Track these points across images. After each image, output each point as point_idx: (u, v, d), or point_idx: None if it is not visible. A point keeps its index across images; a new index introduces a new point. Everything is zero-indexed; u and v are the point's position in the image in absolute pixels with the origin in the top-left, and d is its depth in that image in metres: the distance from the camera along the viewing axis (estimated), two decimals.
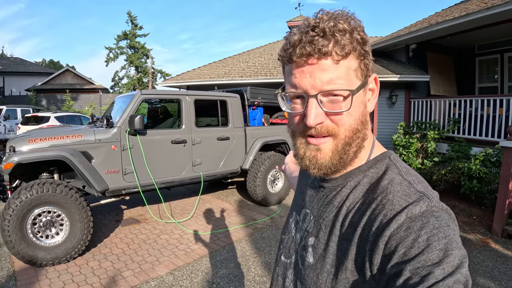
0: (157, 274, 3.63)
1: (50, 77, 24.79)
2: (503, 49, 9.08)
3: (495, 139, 6.82)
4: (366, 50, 0.66)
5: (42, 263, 3.65)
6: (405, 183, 0.66)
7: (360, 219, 0.66)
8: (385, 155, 0.74)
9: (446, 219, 0.59)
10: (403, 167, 0.70)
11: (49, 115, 13.11)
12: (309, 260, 0.74)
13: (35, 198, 3.60)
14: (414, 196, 0.62)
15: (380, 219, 0.62)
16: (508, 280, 3.62)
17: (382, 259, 0.60)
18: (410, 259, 0.55)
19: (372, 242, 0.61)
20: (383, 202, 0.64)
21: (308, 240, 0.77)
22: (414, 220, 0.58)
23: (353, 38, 0.64)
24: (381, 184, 0.68)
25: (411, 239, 0.57)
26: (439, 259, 0.54)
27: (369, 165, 0.73)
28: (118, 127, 4.55)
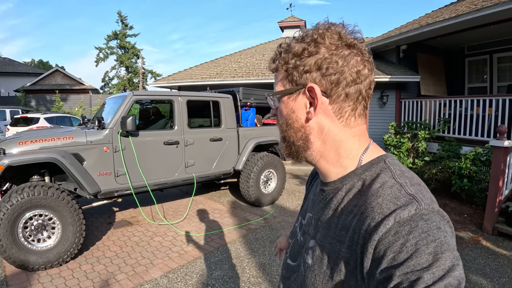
0: (151, 277, 3.60)
1: (39, 78, 24.50)
2: (492, 50, 9.21)
3: (485, 138, 6.92)
4: (292, 66, 0.75)
5: (34, 267, 3.60)
6: (396, 186, 0.66)
7: (351, 222, 0.67)
8: (380, 159, 0.74)
9: (436, 221, 0.59)
10: (397, 169, 0.71)
11: (39, 116, 12.95)
12: (309, 262, 0.76)
13: (26, 201, 3.55)
14: (403, 199, 0.62)
15: (369, 222, 0.62)
16: (499, 277, 3.67)
17: (371, 263, 0.60)
18: (399, 264, 0.55)
19: (362, 245, 0.62)
20: (372, 205, 0.64)
21: (309, 243, 0.79)
22: (403, 224, 0.58)
23: (281, 57, 0.78)
24: (372, 187, 0.68)
25: (400, 244, 0.57)
26: (428, 263, 0.54)
27: (364, 168, 0.73)
28: (110, 128, 4.50)
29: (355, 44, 0.72)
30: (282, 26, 17.25)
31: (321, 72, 0.71)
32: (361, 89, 0.72)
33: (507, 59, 9.01)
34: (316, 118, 0.74)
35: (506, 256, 4.17)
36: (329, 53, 0.70)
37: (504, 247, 4.44)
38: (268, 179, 6.37)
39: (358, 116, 0.75)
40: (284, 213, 5.85)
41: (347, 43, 0.72)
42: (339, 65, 0.70)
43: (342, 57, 0.70)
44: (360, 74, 0.71)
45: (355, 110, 0.74)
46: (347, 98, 0.72)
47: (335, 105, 0.73)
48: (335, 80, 0.70)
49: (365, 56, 0.73)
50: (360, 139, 0.76)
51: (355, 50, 0.72)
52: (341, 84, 0.71)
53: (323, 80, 0.71)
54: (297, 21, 16.90)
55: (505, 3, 6.09)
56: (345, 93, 0.71)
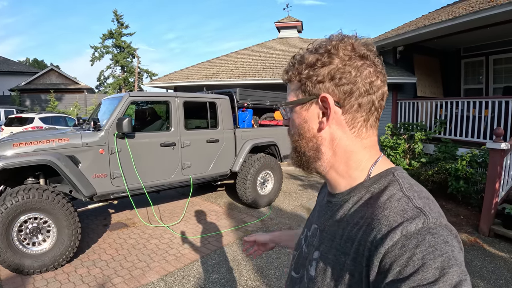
0: (148, 281, 3.57)
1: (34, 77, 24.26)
2: (488, 51, 9.25)
3: (481, 140, 6.95)
4: (305, 76, 0.75)
5: (29, 271, 3.56)
6: (404, 199, 0.65)
7: (357, 234, 0.66)
8: (389, 171, 0.74)
9: (444, 236, 0.58)
10: (406, 183, 0.70)
11: (33, 116, 12.86)
12: (312, 273, 0.76)
13: (21, 204, 3.51)
14: (410, 212, 0.61)
15: (375, 234, 0.62)
16: (496, 279, 3.69)
17: (376, 276, 0.59)
18: (404, 278, 0.55)
19: (367, 258, 0.62)
20: (379, 218, 0.63)
21: (313, 254, 0.79)
22: (410, 238, 0.58)
23: (295, 68, 0.78)
24: (380, 200, 0.67)
25: (406, 258, 0.56)
26: (435, 278, 0.53)
27: (373, 180, 0.73)
28: (106, 130, 4.46)
29: (368, 55, 0.73)
30: (278, 27, 17.26)
31: (334, 82, 0.71)
32: (373, 100, 0.73)
33: (503, 60, 9.05)
34: (329, 128, 0.75)
35: (502, 258, 4.19)
36: (342, 64, 0.71)
37: (500, 249, 4.46)
38: (265, 180, 6.36)
39: (370, 127, 0.76)
40: (281, 215, 5.84)
41: (360, 54, 0.72)
42: (352, 76, 0.70)
43: (355, 68, 0.71)
44: (373, 85, 0.72)
45: (367, 121, 0.74)
46: (359, 108, 0.73)
47: (348, 115, 0.73)
48: (348, 90, 0.71)
49: (378, 67, 0.73)
50: (371, 151, 0.77)
51: (368, 61, 0.73)
52: (354, 94, 0.71)
53: (336, 90, 0.72)
54: (294, 22, 16.92)
55: (502, 5, 6.11)
56: (358, 103, 0.72)
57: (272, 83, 10.72)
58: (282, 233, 1.35)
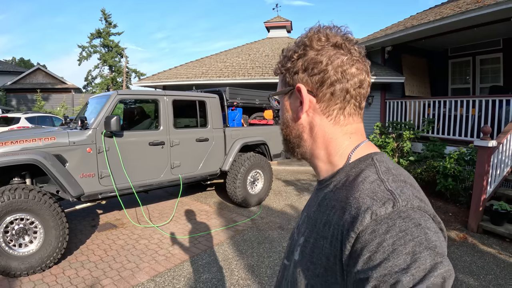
0: (138, 281, 3.52)
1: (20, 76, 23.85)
2: (475, 52, 9.39)
3: (468, 138, 7.05)
4: (285, 68, 0.80)
5: (16, 273, 3.47)
6: (377, 181, 0.64)
7: (333, 217, 0.67)
8: (369, 156, 0.74)
9: (416, 219, 0.56)
10: (383, 166, 0.69)
11: (19, 116, 12.67)
12: (296, 257, 0.77)
13: (7, 205, 3.42)
14: (381, 194, 0.61)
15: (346, 217, 0.62)
16: (486, 274, 3.73)
17: (349, 261, 0.59)
18: (375, 265, 0.53)
19: (341, 241, 0.61)
20: (350, 200, 0.64)
21: (300, 240, 0.79)
22: (380, 223, 0.56)
23: (280, 61, 0.83)
24: (354, 183, 0.67)
25: (376, 243, 0.55)
26: (406, 264, 0.51)
27: (352, 165, 0.74)
28: (94, 128, 4.39)
29: (342, 44, 0.74)
30: (268, 26, 17.26)
31: (307, 73, 0.74)
32: (347, 88, 0.73)
33: (489, 61, 9.20)
34: (307, 116, 0.78)
35: (491, 254, 4.24)
36: (315, 54, 0.74)
37: (489, 245, 4.52)
38: (255, 179, 6.34)
39: (348, 115, 0.76)
40: (271, 214, 5.82)
41: (334, 43, 0.74)
42: (323, 65, 0.72)
43: (327, 57, 0.72)
44: (346, 73, 0.72)
45: (343, 109, 0.75)
46: (332, 96, 0.74)
47: (322, 103, 0.75)
48: (319, 80, 0.73)
49: (354, 55, 0.74)
50: (351, 137, 0.77)
51: (342, 50, 0.73)
52: (325, 83, 0.73)
53: (309, 80, 0.74)
54: (283, 22, 16.94)
55: (488, 6, 6.21)
56: (330, 92, 0.73)
57: (261, 82, 10.70)
58: None
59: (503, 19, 6.55)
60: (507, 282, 3.56)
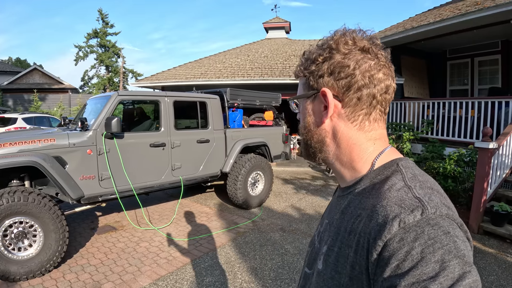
0: (140, 285, 3.47)
1: (16, 76, 23.74)
2: (473, 53, 9.40)
3: (468, 139, 7.04)
4: (309, 71, 0.78)
5: (15, 277, 3.42)
6: (404, 189, 0.64)
7: (358, 225, 0.66)
8: (393, 162, 0.72)
9: (445, 226, 0.56)
10: (409, 172, 0.68)
11: (16, 116, 12.58)
12: (319, 267, 0.76)
13: (6, 208, 3.38)
14: (408, 202, 0.60)
15: (373, 225, 0.61)
16: (487, 275, 3.74)
17: (376, 269, 0.58)
18: (403, 273, 0.53)
19: (367, 250, 0.60)
20: (377, 208, 0.62)
21: (323, 248, 0.78)
22: (408, 230, 0.56)
23: (302, 64, 0.81)
24: (380, 190, 0.66)
25: (404, 251, 0.54)
26: (435, 272, 0.51)
27: (376, 172, 0.72)
28: (94, 130, 4.34)
29: (369, 48, 0.72)
30: (267, 27, 17.24)
31: (333, 77, 0.73)
32: (374, 93, 0.72)
33: (487, 62, 9.21)
34: (331, 121, 0.76)
35: (492, 255, 4.25)
36: (342, 58, 0.72)
37: (490, 246, 4.52)
38: (255, 181, 6.31)
39: (374, 120, 0.75)
40: (272, 215, 5.80)
41: (361, 48, 0.72)
42: (350, 69, 0.71)
43: (355, 61, 0.71)
44: (373, 78, 0.71)
45: (368, 114, 0.74)
46: (359, 102, 0.73)
47: (348, 108, 0.74)
48: (346, 84, 0.72)
49: (380, 60, 0.73)
50: (375, 143, 0.76)
51: (370, 54, 0.72)
52: (352, 88, 0.72)
53: (335, 84, 0.73)
54: (282, 22, 16.93)
55: (488, 8, 6.21)
56: (357, 97, 0.72)
57: (260, 83, 10.69)
58: None
59: (502, 21, 6.56)
60: (509, 283, 3.56)
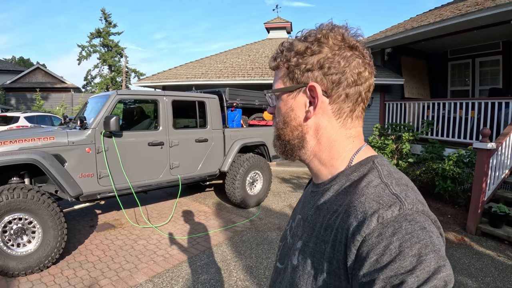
0: (136, 282, 3.51)
1: (19, 75, 23.80)
2: (474, 54, 9.38)
3: (467, 140, 7.04)
4: (294, 64, 0.75)
5: (14, 273, 3.46)
6: (381, 185, 0.65)
7: (336, 221, 0.66)
8: (369, 159, 0.74)
9: (421, 222, 0.58)
10: (385, 170, 0.70)
11: (19, 115, 12.63)
12: (294, 262, 0.76)
13: (5, 204, 3.42)
14: (386, 198, 0.61)
15: (351, 221, 0.61)
16: (484, 276, 3.73)
17: (354, 263, 0.59)
18: (382, 267, 0.54)
19: (345, 245, 0.61)
20: (355, 204, 0.63)
21: (297, 244, 0.78)
22: (386, 225, 0.57)
23: (283, 55, 0.77)
24: (358, 187, 0.67)
25: (383, 246, 0.55)
26: (412, 266, 0.52)
27: (353, 169, 0.73)
28: (93, 128, 4.38)
29: (357, 46, 0.73)
30: (268, 27, 17.25)
31: (322, 71, 0.71)
32: (360, 91, 0.73)
33: (488, 63, 9.19)
34: (315, 117, 0.75)
35: (489, 256, 4.25)
36: (331, 53, 0.71)
37: (487, 247, 4.52)
38: (254, 180, 6.33)
39: (356, 117, 0.76)
40: (270, 215, 5.82)
41: (350, 45, 0.72)
42: (341, 66, 0.71)
43: (344, 58, 0.71)
44: (361, 76, 0.72)
45: (353, 111, 0.75)
46: (347, 98, 0.73)
47: (335, 105, 0.73)
48: (336, 80, 0.71)
49: (366, 59, 0.73)
50: (354, 140, 0.77)
51: (357, 52, 0.72)
52: (342, 84, 0.71)
53: (324, 79, 0.72)
54: (283, 22, 16.94)
55: (488, 9, 6.21)
56: (346, 93, 0.72)
57: (261, 83, 10.70)
58: None
59: (502, 21, 6.55)
60: (505, 285, 3.56)
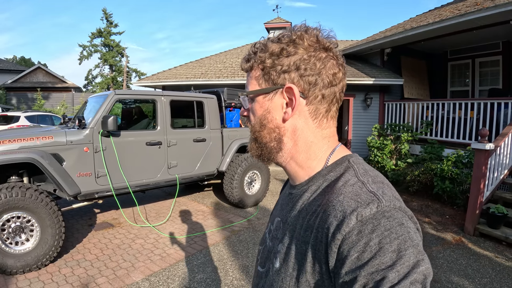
0: (133, 281, 3.53)
1: (20, 75, 23.86)
2: (474, 54, 9.38)
3: (466, 141, 7.04)
4: (269, 65, 0.74)
5: (12, 271, 3.48)
6: (358, 184, 0.66)
7: (315, 221, 0.66)
8: (344, 159, 0.75)
9: (398, 218, 0.59)
10: (360, 168, 0.71)
11: (19, 114, 12.66)
12: (276, 265, 0.76)
13: (4, 202, 3.44)
14: (364, 196, 0.62)
15: (331, 220, 0.61)
16: (481, 277, 3.73)
17: (336, 262, 0.59)
18: (363, 264, 0.55)
19: (326, 244, 0.61)
20: (334, 203, 0.63)
21: (277, 247, 0.78)
22: (365, 223, 0.58)
23: (257, 56, 0.76)
24: (335, 186, 0.68)
25: (363, 243, 0.56)
26: (392, 261, 0.53)
27: (329, 169, 0.74)
28: (91, 128, 4.40)
29: (331, 48, 0.74)
30: (268, 27, 17.23)
31: (299, 73, 0.71)
32: (335, 91, 0.74)
33: (488, 63, 9.19)
34: (292, 119, 0.75)
35: (487, 257, 4.24)
36: (307, 54, 0.71)
37: (485, 248, 4.52)
38: (252, 180, 6.35)
39: (331, 118, 0.77)
40: (268, 215, 5.83)
41: (325, 46, 0.73)
42: (317, 67, 0.71)
43: (320, 59, 0.71)
44: (336, 77, 0.73)
45: (328, 111, 0.75)
46: (323, 99, 0.73)
47: (311, 106, 0.74)
48: (313, 81, 0.72)
49: (339, 60, 0.75)
50: (330, 141, 0.77)
51: (331, 53, 0.74)
52: (318, 85, 0.72)
53: (301, 80, 0.72)
54: (283, 23, 16.92)
55: (488, 9, 6.21)
56: (322, 94, 0.73)
57: None
58: None
59: (502, 21, 6.55)
60: (502, 286, 3.56)
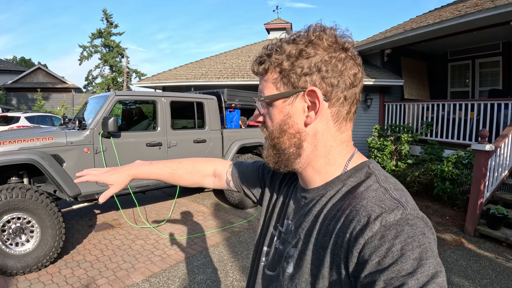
0: (133, 282, 3.53)
1: (21, 75, 23.86)
2: (474, 55, 9.38)
3: (467, 142, 7.03)
4: (288, 68, 0.71)
5: (12, 272, 3.48)
6: (381, 189, 0.65)
7: (335, 226, 0.65)
8: (364, 164, 0.74)
9: (421, 227, 0.58)
10: (381, 175, 0.70)
11: (19, 115, 12.69)
12: (289, 271, 0.75)
13: (4, 203, 3.44)
14: (388, 202, 0.61)
15: (354, 225, 0.61)
16: (481, 279, 3.73)
17: (356, 267, 0.59)
18: (383, 269, 0.55)
19: (346, 249, 0.61)
20: (357, 208, 0.63)
21: (290, 251, 0.77)
22: (389, 228, 0.57)
23: (273, 58, 0.73)
24: (357, 191, 0.67)
25: (385, 248, 0.56)
26: (413, 268, 0.53)
27: (349, 174, 0.73)
28: (91, 129, 4.40)
29: (349, 47, 0.72)
30: (268, 28, 17.24)
31: (321, 75, 0.69)
32: (356, 92, 0.73)
33: (488, 64, 9.19)
34: (314, 122, 0.72)
35: (487, 258, 4.24)
36: (328, 56, 0.69)
37: (485, 249, 4.52)
38: None
39: (349, 120, 0.75)
40: None
41: (343, 47, 0.71)
42: (339, 68, 0.69)
43: (341, 60, 0.69)
44: (356, 77, 0.71)
45: (349, 113, 0.74)
46: (345, 101, 0.72)
47: (333, 108, 0.72)
48: (335, 83, 0.69)
49: (357, 60, 0.73)
50: (348, 145, 0.76)
51: (350, 53, 0.72)
52: (340, 87, 0.70)
53: (323, 82, 0.69)
54: (283, 23, 16.93)
55: (488, 10, 6.22)
56: (344, 96, 0.71)
57: None
58: (134, 166, 1.14)
59: (502, 22, 6.55)
60: (503, 287, 3.56)
